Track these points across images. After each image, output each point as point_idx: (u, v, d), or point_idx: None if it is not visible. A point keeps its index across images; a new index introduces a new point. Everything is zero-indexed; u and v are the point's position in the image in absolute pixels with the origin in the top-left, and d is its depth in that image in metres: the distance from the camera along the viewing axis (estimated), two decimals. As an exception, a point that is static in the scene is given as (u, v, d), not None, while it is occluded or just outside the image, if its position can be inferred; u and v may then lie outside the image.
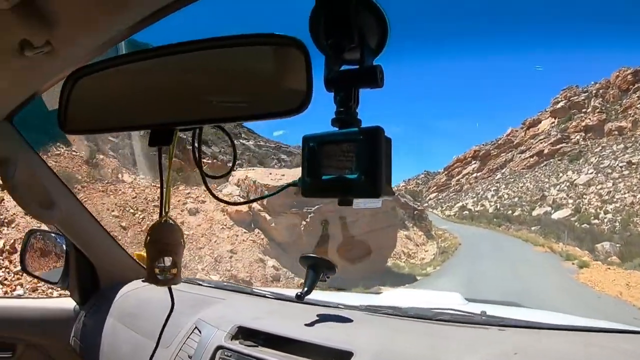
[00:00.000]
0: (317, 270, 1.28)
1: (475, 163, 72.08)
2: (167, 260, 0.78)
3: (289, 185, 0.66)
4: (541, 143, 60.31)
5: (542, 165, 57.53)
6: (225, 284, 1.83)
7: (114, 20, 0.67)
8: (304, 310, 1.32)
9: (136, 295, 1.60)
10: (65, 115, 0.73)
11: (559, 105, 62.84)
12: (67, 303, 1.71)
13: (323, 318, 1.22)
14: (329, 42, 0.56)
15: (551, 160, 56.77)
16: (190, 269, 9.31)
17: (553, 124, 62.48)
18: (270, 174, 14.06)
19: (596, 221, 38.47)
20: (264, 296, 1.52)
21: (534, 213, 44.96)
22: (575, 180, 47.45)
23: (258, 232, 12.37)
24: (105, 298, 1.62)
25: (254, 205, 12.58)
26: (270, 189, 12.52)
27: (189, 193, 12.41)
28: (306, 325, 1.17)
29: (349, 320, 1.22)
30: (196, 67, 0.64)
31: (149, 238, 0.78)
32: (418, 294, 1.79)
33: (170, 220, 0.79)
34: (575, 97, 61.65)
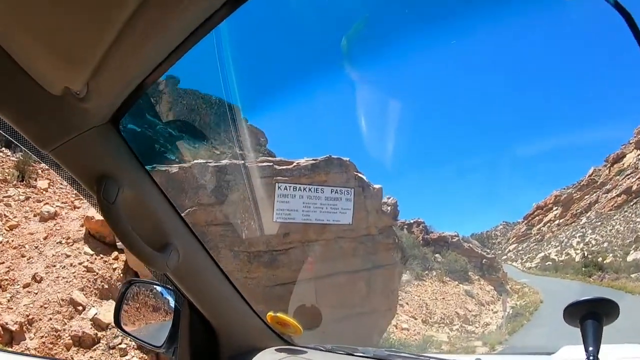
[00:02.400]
0: (599, 320, 0.95)
1: (556, 209, 66.54)
2: None
3: None
4: (628, 179, 54.46)
5: (632, 203, 51.44)
6: (363, 349, 1.29)
7: None
8: None
9: None
10: None
11: (642, 136, 57.39)
12: None
13: None
14: None
15: (641, 197, 50.72)
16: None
17: None
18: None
19: None
20: None
21: (629, 258, 39.71)
22: (673, 216, 41.67)
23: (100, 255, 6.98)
24: None
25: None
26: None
27: (55, 192, 8.32)
28: None
29: None
30: None
31: None
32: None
33: None
34: (660, 125, 55.94)
